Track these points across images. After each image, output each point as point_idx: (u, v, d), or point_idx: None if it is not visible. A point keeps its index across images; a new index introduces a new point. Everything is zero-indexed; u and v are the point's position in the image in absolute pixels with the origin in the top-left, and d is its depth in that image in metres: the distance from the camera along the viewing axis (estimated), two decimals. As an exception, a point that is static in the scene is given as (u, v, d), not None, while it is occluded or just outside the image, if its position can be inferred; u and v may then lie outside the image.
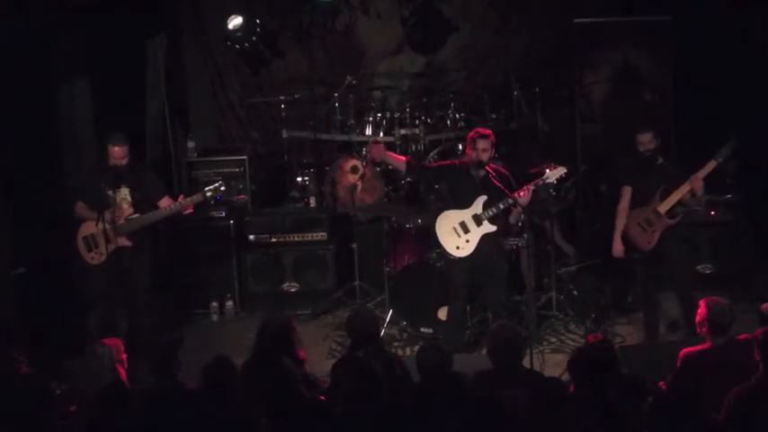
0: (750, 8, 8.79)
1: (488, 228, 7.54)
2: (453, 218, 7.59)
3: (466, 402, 4.90)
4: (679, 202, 7.36)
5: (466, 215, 7.57)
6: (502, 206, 7.45)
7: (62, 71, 8.32)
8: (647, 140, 7.43)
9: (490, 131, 7.58)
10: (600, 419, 5.04)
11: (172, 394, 5.52)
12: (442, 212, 7.64)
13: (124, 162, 7.56)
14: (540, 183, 7.56)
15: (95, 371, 5.88)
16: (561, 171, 7.59)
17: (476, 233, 7.55)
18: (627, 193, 7.62)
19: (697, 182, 7.24)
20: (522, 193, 7.39)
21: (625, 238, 7.55)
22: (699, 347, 5.79)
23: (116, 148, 7.51)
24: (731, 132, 7.31)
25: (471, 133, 7.61)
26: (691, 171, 7.31)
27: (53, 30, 7.97)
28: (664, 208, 7.38)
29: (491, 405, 4.80)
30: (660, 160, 7.47)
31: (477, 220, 7.53)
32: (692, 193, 7.30)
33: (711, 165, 7.24)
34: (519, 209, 7.54)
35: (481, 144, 7.45)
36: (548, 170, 7.58)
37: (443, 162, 8.09)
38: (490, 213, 7.49)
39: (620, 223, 7.59)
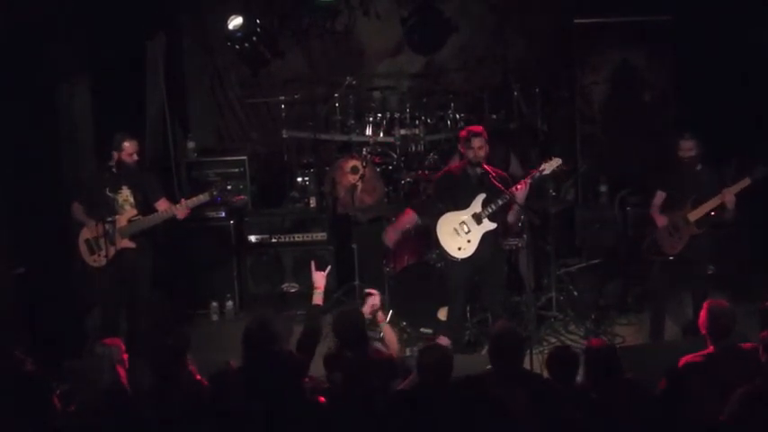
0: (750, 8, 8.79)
1: (488, 225, 7.55)
2: (453, 219, 7.60)
3: (464, 403, 4.91)
4: (708, 214, 7.33)
5: (465, 215, 7.58)
6: (500, 202, 7.45)
7: (62, 71, 8.32)
8: (688, 147, 7.38)
9: (482, 128, 7.57)
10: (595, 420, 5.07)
11: (173, 395, 5.52)
12: (443, 215, 7.64)
13: (135, 158, 7.59)
14: (537, 175, 7.57)
15: (95, 371, 5.88)
16: (557, 162, 7.57)
17: (476, 232, 7.56)
18: (659, 196, 7.61)
19: (729, 196, 7.20)
20: (518, 187, 7.40)
21: (651, 240, 7.53)
22: (702, 352, 5.78)
23: (128, 144, 7.54)
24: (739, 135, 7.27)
25: (463, 132, 7.61)
26: (724, 182, 7.29)
27: (53, 30, 7.97)
28: (694, 216, 7.35)
29: (490, 406, 4.81)
30: (699, 167, 7.44)
31: (477, 218, 7.54)
32: (723, 206, 7.27)
33: (745, 182, 7.19)
34: (517, 205, 7.53)
35: (476, 142, 7.46)
36: (543, 163, 7.57)
37: (437, 177, 8.03)
38: (489, 211, 7.50)
39: (654, 212, 7.56)
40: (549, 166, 7.54)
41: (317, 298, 6.27)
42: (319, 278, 6.36)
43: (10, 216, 7.68)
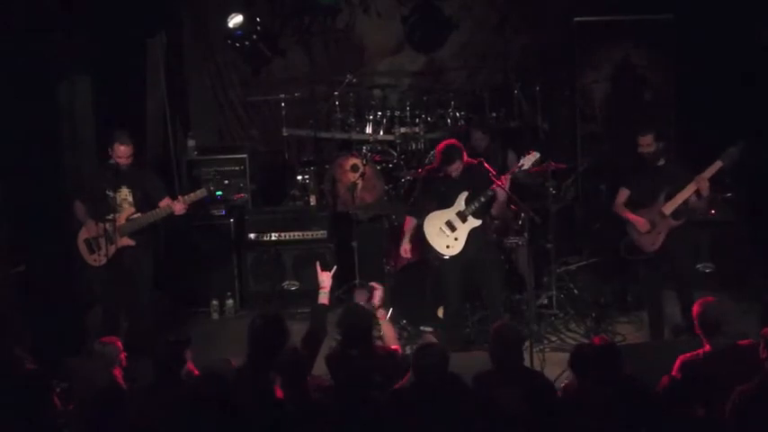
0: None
1: (474, 222, 7.57)
2: (439, 218, 7.62)
3: (462, 403, 4.91)
4: (684, 203, 7.33)
5: (450, 214, 7.59)
6: (483, 199, 7.46)
7: (62, 70, 8.32)
8: (646, 143, 7.38)
9: (454, 144, 7.48)
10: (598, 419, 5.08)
11: (174, 391, 5.52)
12: (428, 214, 7.65)
13: (128, 161, 7.53)
14: (517, 170, 7.61)
15: (92, 370, 5.88)
16: (535, 156, 7.61)
17: (462, 230, 7.58)
18: (623, 194, 7.60)
19: (703, 183, 7.19)
20: (500, 183, 7.42)
21: (628, 241, 7.54)
22: (699, 351, 5.79)
23: (122, 147, 7.48)
24: (739, 135, 7.27)
25: (438, 156, 7.51)
26: (695, 171, 7.28)
27: (54, 29, 7.97)
28: (668, 209, 7.33)
29: (487, 405, 4.81)
30: (662, 162, 7.44)
31: (462, 216, 7.56)
32: (698, 194, 7.26)
33: (717, 165, 7.17)
34: (500, 199, 7.54)
35: (454, 168, 7.42)
36: (522, 158, 7.61)
37: (422, 176, 8.00)
38: (473, 208, 7.51)
39: (626, 212, 7.53)
40: (527, 161, 7.59)
41: (323, 298, 6.27)
42: (325, 278, 6.35)
43: (10, 214, 7.68)
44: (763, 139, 8.30)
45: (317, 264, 6.48)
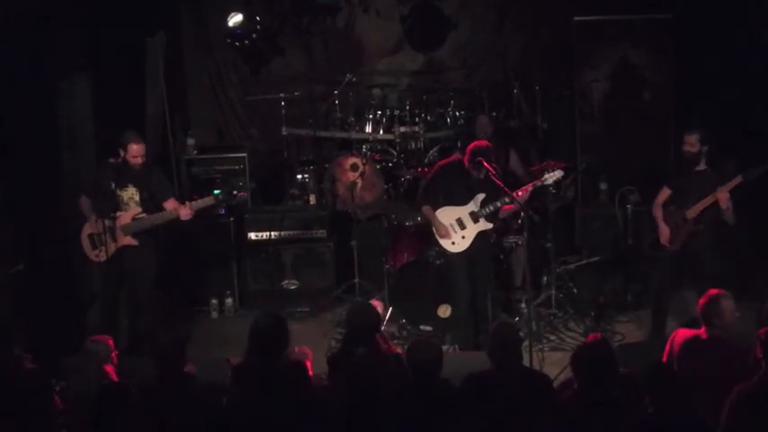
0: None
1: (485, 225, 7.61)
2: (450, 214, 7.65)
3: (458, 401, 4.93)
4: (706, 211, 7.37)
5: (463, 212, 7.63)
6: (499, 204, 7.49)
7: (62, 69, 8.32)
8: (690, 142, 7.44)
9: (491, 147, 7.53)
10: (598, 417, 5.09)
11: (177, 387, 5.52)
12: (440, 208, 7.67)
13: (141, 160, 7.54)
14: (539, 184, 7.68)
15: (85, 369, 5.89)
16: (559, 174, 7.73)
17: (472, 230, 7.61)
18: (664, 192, 7.66)
19: (722, 195, 7.27)
20: (519, 193, 7.47)
21: (652, 238, 7.60)
22: (696, 332, 5.87)
23: (135, 146, 7.48)
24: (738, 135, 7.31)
25: (471, 151, 7.47)
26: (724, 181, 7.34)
27: (53, 28, 7.97)
28: (691, 214, 7.43)
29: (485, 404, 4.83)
30: (702, 166, 7.48)
31: (474, 217, 7.59)
32: (717, 205, 7.31)
33: (737, 180, 7.27)
34: (514, 206, 7.56)
35: (484, 169, 7.43)
36: (546, 173, 7.62)
37: (440, 165, 8.00)
38: (487, 211, 7.55)
39: (658, 215, 7.64)
40: (550, 177, 7.72)
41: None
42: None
43: (10, 214, 7.68)
44: (763, 139, 8.32)
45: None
